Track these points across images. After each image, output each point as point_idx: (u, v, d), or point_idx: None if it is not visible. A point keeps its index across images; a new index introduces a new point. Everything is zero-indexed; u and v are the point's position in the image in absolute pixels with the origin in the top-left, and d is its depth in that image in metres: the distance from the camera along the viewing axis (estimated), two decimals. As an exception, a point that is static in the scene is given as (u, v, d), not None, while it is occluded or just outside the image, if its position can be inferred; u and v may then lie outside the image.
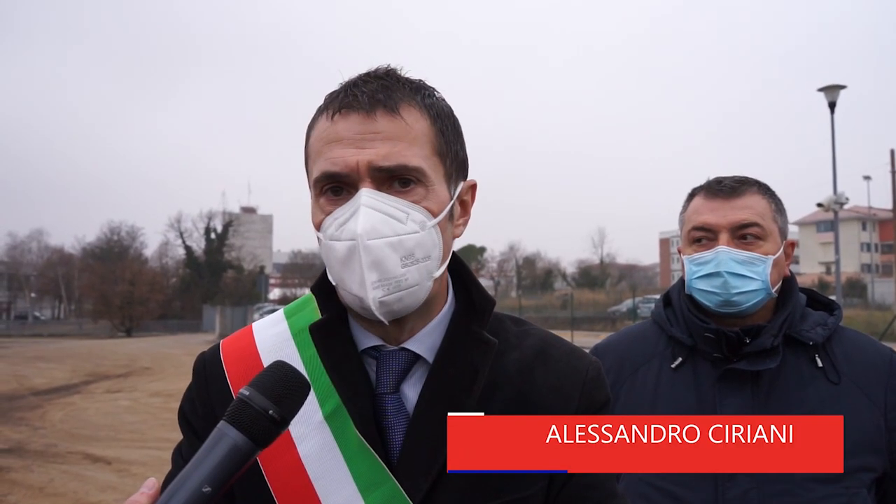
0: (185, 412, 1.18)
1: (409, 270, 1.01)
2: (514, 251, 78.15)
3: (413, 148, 1.03)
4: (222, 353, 1.18)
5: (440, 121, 1.08)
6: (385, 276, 1.00)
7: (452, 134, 1.10)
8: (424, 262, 1.03)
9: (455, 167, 1.10)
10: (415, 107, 1.05)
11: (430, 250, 1.04)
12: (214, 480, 0.82)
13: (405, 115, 1.03)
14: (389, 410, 1.07)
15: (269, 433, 0.86)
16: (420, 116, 1.05)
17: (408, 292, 1.02)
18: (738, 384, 1.68)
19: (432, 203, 1.04)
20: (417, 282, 1.03)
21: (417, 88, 1.08)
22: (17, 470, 8.25)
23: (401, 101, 1.04)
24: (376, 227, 0.99)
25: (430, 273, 1.05)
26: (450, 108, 1.12)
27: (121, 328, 52.88)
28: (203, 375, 1.17)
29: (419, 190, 1.03)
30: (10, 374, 19.14)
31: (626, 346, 1.89)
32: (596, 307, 44.53)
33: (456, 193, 1.10)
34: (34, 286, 71.59)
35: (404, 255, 1.01)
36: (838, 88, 18.42)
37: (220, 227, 64.78)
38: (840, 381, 1.67)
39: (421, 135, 1.04)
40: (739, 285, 1.70)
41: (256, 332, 1.20)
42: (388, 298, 1.01)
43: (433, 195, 1.05)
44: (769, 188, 1.82)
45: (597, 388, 1.14)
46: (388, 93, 1.04)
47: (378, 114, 1.02)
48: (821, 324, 1.74)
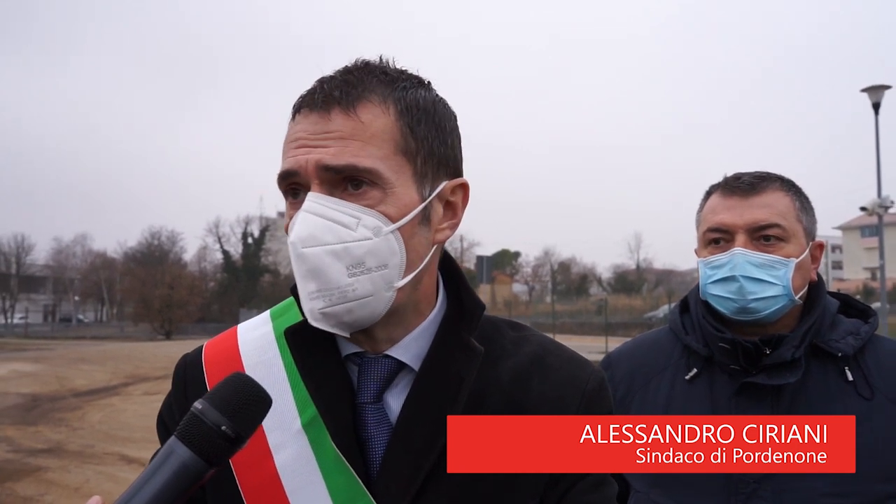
0: (163, 418, 1.13)
1: (359, 280, 0.94)
2: (548, 256, 77.61)
3: (368, 148, 0.96)
4: (204, 355, 1.13)
5: (409, 115, 1.00)
6: (326, 287, 0.94)
7: (428, 129, 1.01)
8: (379, 271, 0.96)
9: (432, 165, 1.02)
10: (376, 103, 0.98)
11: (387, 258, 0.96)
12: (160, 502, 0.76)
13: (362, 113, 0.97)
14: (370, 421, 1.01)
15: (222, 451, 0.80)
16: (381, 113, 0.98)
17: (358, 303, 0.95)
18: (756, 399, 1.55)
19: (390, 207, 0.96)
20: (371, 292, 0.96)
21: (391, 81, 1.01)
22: (54, 470, 8.42)
23: (360, 97, 0.97)
24: (314, 234, 0.93)
25: (388, 283, 0.97)
26: (431, 102, 1.04)
27: (160, 331, 53.80)
28: (182, 379, 1.13)
29: (374, 193, 0.96)
30: (52, 375, 19.58)
31: (640, 355, 1.77)
32: (632, 313, 44.06)
33: (432, 194, 1.02)
34: (78, 290, 73.26)
35: (351, 264, 0.94)
36: (883, 89, 17.93)
37: (258, 231, 65.57)
38: (873, 397, 1.52)
39: (380, 133, 0.97)
40: (757, 291, 1.56)
41: (241, 333, 1.15)
42: (333, 310, 0.95)
43: (392, 198, 0.97)
44: (794, 184, 1.66)
45: (596, 400, 1.07)
46: (348, 89, 0.98)
47: (333, 112, 0.97)
48: (852, 333, 1.59)
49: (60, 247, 73.86)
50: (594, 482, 1.04)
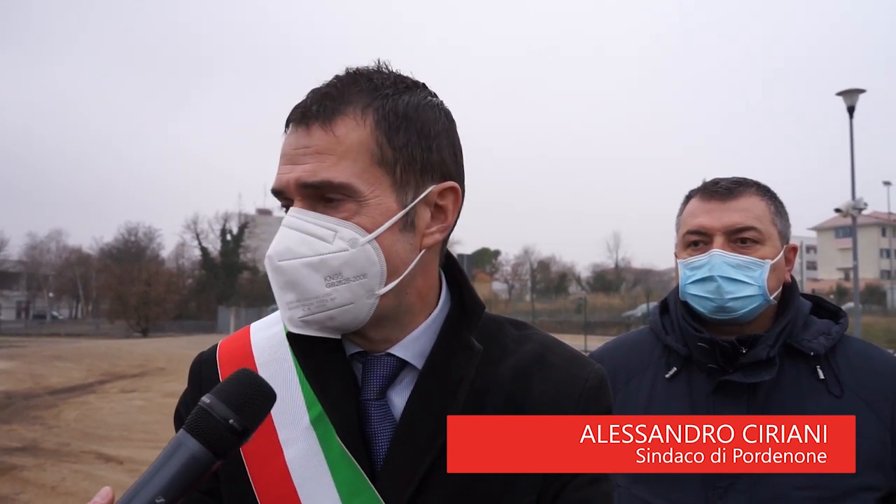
0: (180, 415, 1.16)
1: (337, 290, 0.98)
2: (528, 255, 77.94)
3: (342, 163, 0.98)
4: (219, 354, 1.16)
5: (386, 124, 1.01)
6: (304, 297, 0.98)
7: (408, 136, 1.02)
8: (358, 280, 0.99)
9: (415, 172, 1.02)
10: (352, 115, 1.00)
11: (365, 268, 0.99)
12: (169, 492, 0.80)
13: (337, 128, 0.99)
14: (374, 417, 1.05)
15: (228, 444, 0.83)
16: (356, 125, 0.99)
17: (339, 311, 0.99)
18: (733, 396, 1.62)
19: (365, 219, 0.99)
20: (350, 300, 0.99)
21: (374, 89, 1.02)
22: (30, 468, 8.31)
23: (336, 111, 1.00)
24: (291, 247, 0.97)
25: (368, 291, 1.00)
26: (414, 107, 1.04)
27: (137, 328, 53.26)
28: (198, 378, 1.15)
29: (349, 206, 0.99)
30: (27, 373, 19.33)
31: (621, 355, 1.83)
32: (610, 312, 44.34)
33: (415, 201, 1.03)
34: (52, 286, 72.27)
35: (329, 275, 0.98)
36: (857, 92, 18.21)
37: (236, 228, 65.10)
38: (843, 395, 1.59)
39: (354, 146, 0.99)
40: (733, 290, 1.63)
41: (254, 332, 1.18)
42: (314, 318, 0.99)
43: (368, 210, 0.99)
44: (769, 189, 1.74)
45: (596, 398, 1.09)
46: (326, 103, 1.00)
47: (313, 128, 1.00)
48: (823, 333, 1.66)
49: (34, 242, 72.90)
50: (591, 478, 1.06)
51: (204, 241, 65.15)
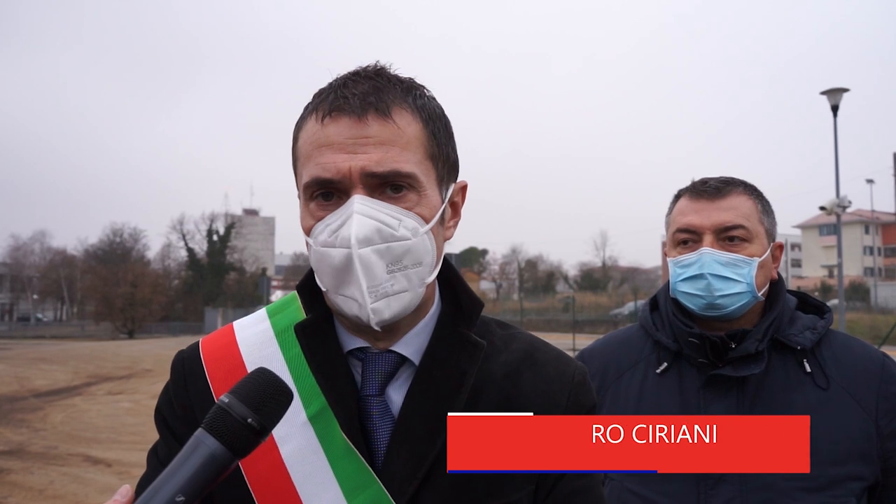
0: (162, 412, 1.15)
1: (396, 277, 1.01)
2: (516, 254, 78.02)
3: (406, 153, 1.01)
4: (202, 351, 1.15)
5: (432, 123, 1.05)
6: (372, 284, 0.99)
7: (444, 136, 1.08)
8: (415, 268, 1.02)
9: (447, 170, 1.09)
10: (407, 109, 1.03)
11: (422, 257, 1.03)
12: (189, 491, 0.80)
13: (397, 119, 1.01)
14: (374, 413, 1.06)
15: (248, 443, 0.84)
16: (412, 119, 1.03)
17: (395, 298, 1.01)
18: (723, 390, 1.66)
19: (424, 209, 1.03)
20: (406, 288, 1.02)
21: (409, 89, 1.06)
22: (17, 472, 8.25)
23: (392, 103, 1.01)
24: (368, 235, 0.98)
25: (421, 279, 1.04)
26: (441, 109, 1.10)
27: (123, 330, 52.89)
28: (182, 374, 1.15)
29: (411, 196, 1.02)
30: (11, 375, 19.13)
31: (612, 351, 1.87)
32: (598, 310, 44.52)
33: (447, 196, 1.09)
34: (37, 288, 71.62)
35: (391, 262, 1.00)
36: (841, 92, 18.36)
37: (223, 229, 64.72)
38: (829, 387, 1.64)
39: (413, 139, 1.02)
40: (723, 287, 1.67)
41: (238, 330, 1.18)
42: (377, 305, 1.00)
43: (425, 200, 1.03)
44: (756, 189, 1.78)
45: (583, 392, 1.14)
46: (380, 94, 1.01)
47: (370, 117, 1.00)
48: (809, 327, 1.71)
49: (18, 244, 72.21)
50: (577, 488, 1.09)
51: (190, 242, 64.92)
